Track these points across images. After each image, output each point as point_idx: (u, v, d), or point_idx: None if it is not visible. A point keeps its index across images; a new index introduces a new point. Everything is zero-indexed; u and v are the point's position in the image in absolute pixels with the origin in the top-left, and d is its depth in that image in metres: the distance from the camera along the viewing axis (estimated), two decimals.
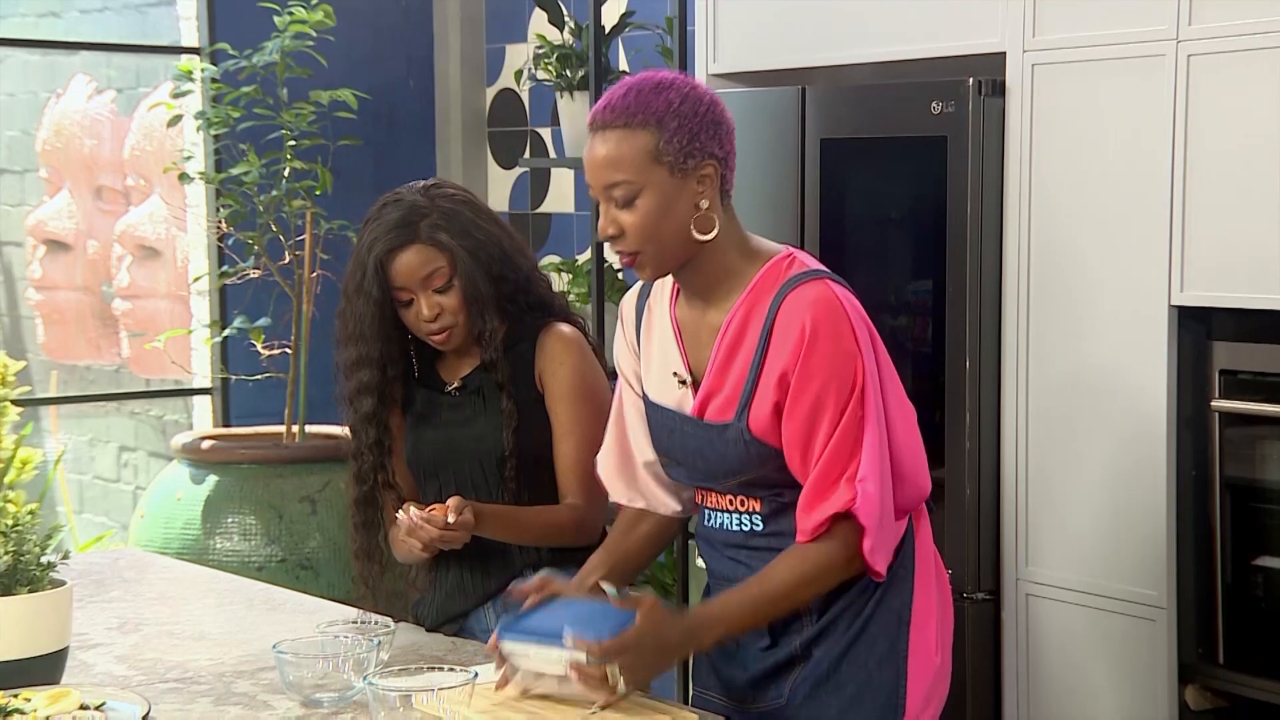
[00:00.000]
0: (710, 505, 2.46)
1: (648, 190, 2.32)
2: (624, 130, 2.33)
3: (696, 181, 2.33)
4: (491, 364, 2.79)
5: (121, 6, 6.40)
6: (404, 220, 2.75)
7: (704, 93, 2.37)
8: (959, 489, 3.29)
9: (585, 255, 4.88)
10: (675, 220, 2.33)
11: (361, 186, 4.87)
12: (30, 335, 6.61)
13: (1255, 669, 2.96)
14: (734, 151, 2.39)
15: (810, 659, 2.39)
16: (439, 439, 2.85)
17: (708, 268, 2.38)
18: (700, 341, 2.42)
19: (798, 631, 2.40)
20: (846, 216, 3.58)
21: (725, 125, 2.37)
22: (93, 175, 6.41)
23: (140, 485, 6.43)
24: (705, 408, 2.39)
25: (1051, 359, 3.20)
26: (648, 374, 2.50)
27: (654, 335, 2.49)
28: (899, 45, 3.45)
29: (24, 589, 2.34)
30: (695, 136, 2.32)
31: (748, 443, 2.34)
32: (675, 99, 2.33)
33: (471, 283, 2.76)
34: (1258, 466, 2.99)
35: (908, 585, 2.40)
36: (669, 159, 2.31)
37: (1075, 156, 3.14)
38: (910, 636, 2.38)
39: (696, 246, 2.36)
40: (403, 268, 2.75)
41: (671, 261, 2.38)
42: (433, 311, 2.76)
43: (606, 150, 2.34)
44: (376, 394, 2.82)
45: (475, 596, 2.83)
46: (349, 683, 2.34)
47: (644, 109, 2.32)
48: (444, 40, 5.52)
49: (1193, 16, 2.92)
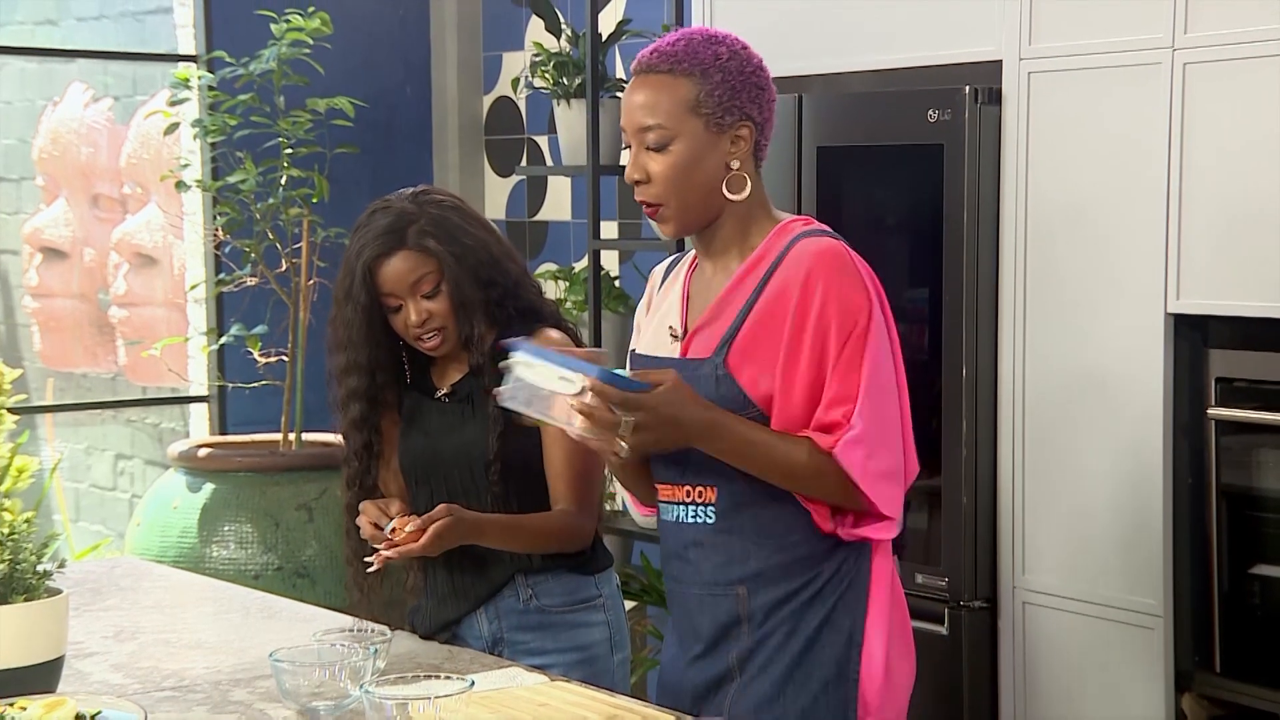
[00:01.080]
0: (666, 498, 2.43)
1: (681, 139, 2.32)
2: (667, 75, 2.33)
3: (730, 141, 2.34)
4: (479, 368, 2.80)
5: (119, 14, 6.40)
6: (392, 227, 2.76)
7: (754, 55, 2.37)
8: (956, 497, 3.28)
9: (582, 263, 4.88)
10: (703, 174, 2.33)
11: (358, 194, 4.86)
12: (27, 343, 6.60)
13: (1252, 677, 2.96)
14: (772, 120, 2.38)
15: (744, 675, 2.35)
16: (427, 445, 2.86)
17: (728, 229, 2.38)
18: (704, 302, 2.41)
19: (735, 640, 2.36)
20: (843, 224, 3.56)
21: (768, 92, 2.37)
22: (89, 183, 6.41)
23: (136, 493, 6.42)
24: (689, 348, 2.38)
25: (1048, 367, 3.20)
26: (648, 330, 2.48)
27: (664, 298, 2.49)
28: (895, 53, 3.46)
29: (20, 597, 2.33)
30: (736, 94, 2.32)
31: (720, 379, 2.31)
32: (724, 53, 2.33)
33: (459, 288, 2.77)
34: (1254, 474, 2.99)
35: (860, 604, 2.34)
36: (707, 112, 2.31)
37: (1071, 164, 3.14)
38: (862, 659, 2.33)
39: (721, 205, 2.35)
40: (390, 274, 2.76)
41: (694, 218, 2.36)
42: (420, 317, 2.77)
43: (646, 93, 2.33)
44: (365, 400, 2.83)
45: (468, 602, 2.83)
46: (345, 691, 2.34)
47: (691, 57, 2.32)
48: (441, 48, 5.52)
49: (1189, 25, 2.93)
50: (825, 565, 2.35)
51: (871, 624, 2.34)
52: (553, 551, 2.79)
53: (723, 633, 2.37)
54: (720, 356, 2.32)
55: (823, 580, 2.34)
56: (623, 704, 2.32)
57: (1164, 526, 3.02)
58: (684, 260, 2.51)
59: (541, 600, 2.80)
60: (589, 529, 2.81)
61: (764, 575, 2.35)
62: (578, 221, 5.16)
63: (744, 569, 2.35)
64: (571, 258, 5.17)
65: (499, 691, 2.38)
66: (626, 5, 4.89)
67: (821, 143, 3.52)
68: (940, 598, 3.31)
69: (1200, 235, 2.93)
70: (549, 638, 2.80)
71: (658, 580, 4.38)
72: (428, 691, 2.18)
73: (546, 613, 2.81)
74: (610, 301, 4.52)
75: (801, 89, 3.61)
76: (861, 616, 2.34)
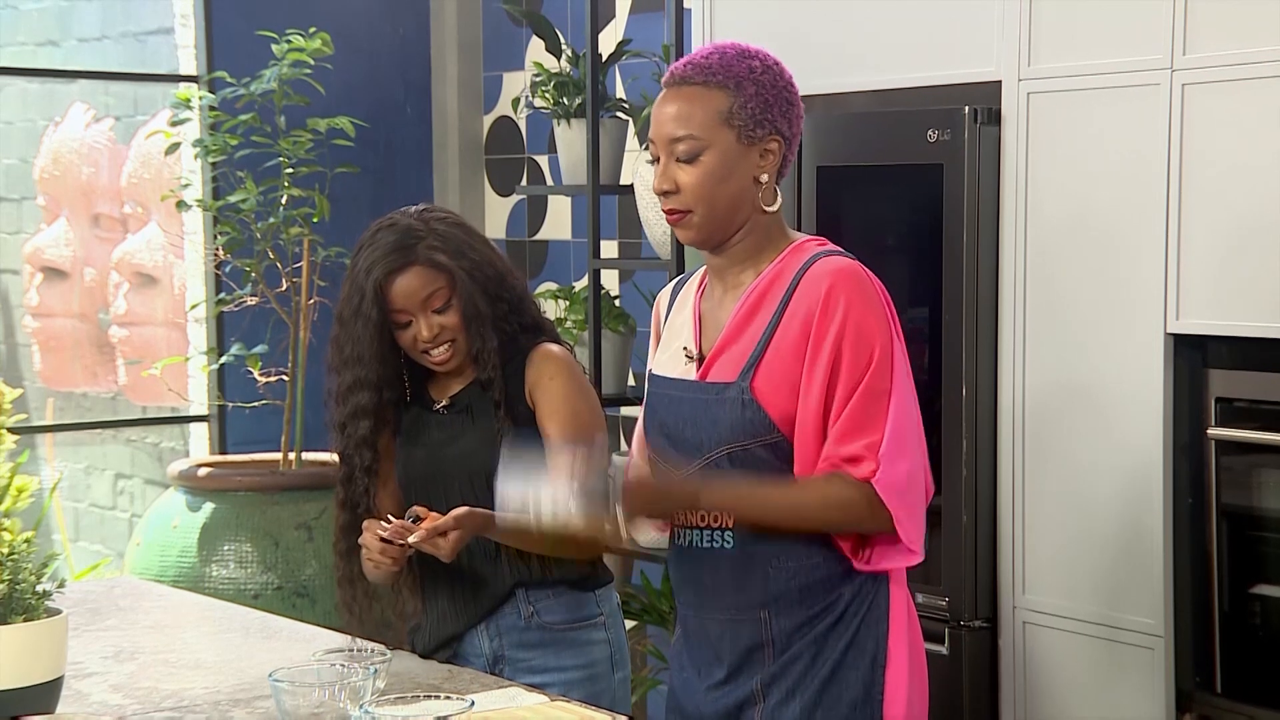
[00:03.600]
0: (681, 523, 2.43)
1: (712, 150, 2.33)
2: (701, 87, 2.34)
3: (760, 154, 2.35)
4: (489, 382, 2.80)
5: (120, 35, 6.41)
6: (400, 243, 2.77)
7: (786, 71, 2.38)
8: (956, 516, 3.28)
9: (582, 282, 4.88)
10: (732, 186, 2.34)
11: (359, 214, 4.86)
12: (27, 362, 6.60)
13: (1253, 698, 2.95)
14: (799, 138, 2.40)
15: (768, 700, 2.35)
16: (427, 457, 2.86)
17: (745, 244, 2.39)
18: (717, 322, 2.41)
19: (759, 665, 2.36)
20: (843, 243, 3.55)
21: (797, 108, 2.39)
22: (90, 203, 6.41)
23: (136, 513, 6.42)
24: (709, 371, 2.38)
25: (1048, 386, 3.20)
26: (663, 350, 2.49)
27: (676, 319, 2.49)
28: (895, 73, 3.46)
29: (19, 618, 2.33)
30: (769, 108, 2.34)
31: (745, 403, 2.31)
32: (758, 66, 2.35)
33: (470, 302, 2.77)
34: (1254, 494, 2.99)
35: (883, 625, 2.36)
36: (739, 124, 2.33)
37: (1071, 185, 3.14)
38: (887, 679, 2.34)
39: (742, 219, 2.36)
40: (402, 290, 2.76)
41: (718, 229, 2.37)
42: (432, 332, 2.77)
43: (680, 104, 2.35)
44: (373, 417, 2.83)
45: (466, 618, 2.83)
46: (345, 711, 2.33)
47: (725, 70, 2.34)
48: (441, 68, 5.53)
49: (1187, 46, 2.93)
50: (845, 587, 2.35)
51: (894, 644, 2.36)
52: (569, 557, 2.78)
53: (746, 657, 2.38)
54: (746, 381, 2.32)
55: (844, 602, 2.35)
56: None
57: (1164, 546, 3.02)
58: (691, 280, 2.51)
59: (543, 617, 2.80)
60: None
61: (785, 598, 2.35)
62: (578, 241, 5.17)
63: (765, 593, 2.36)
64: (572, 277, 5.17)
65: (499, 712, 2.38)
66: (627, 25, 4.90)
67: (822, 162, 3.52)
68: (941, 617, 3.30)
69: (1200, 255, 2.94)
70: (550, 655, 2.80)
71: (658, 600, 4.37)
72: (427, 711, 2.18)
73: (547, 630, 2.81)
74: (610, 321, 4.52)
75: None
76: (884, 637, 2.36)
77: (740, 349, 2.34)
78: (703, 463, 2.37)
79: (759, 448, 2.32)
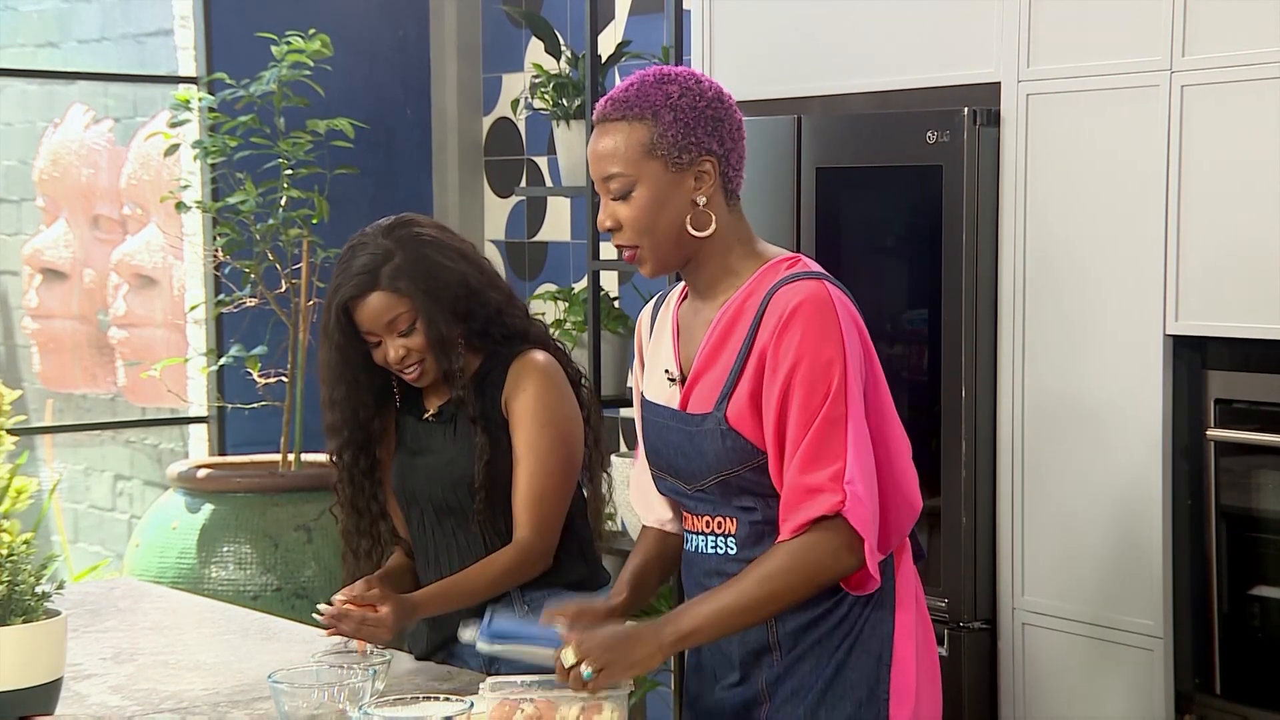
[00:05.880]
0: (689, 528, 2.44)
1: (642, 183, 2.31)
2: (622, 122, 2.32)
3: (694, 178, 2.32)
4: (461, 401, 2.83)
5: (119, 36, 6.41)
6: (366, 267, 2.80)
7: (708, 87, 2.34)
8: (955, 517, 3.28)
9: (581, 284, 4.88)
10: (670, 215, 2.32)
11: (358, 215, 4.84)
12: (26, 364, 6.60)
13: (1252, 699, 2.95)
14: (739, 149, 2.36)
15: (774, 700, 2.36)
16: (415, 465, 2.90)
17: (710, 266, 2.37)
18: (694, 339, 2.40)
19: (767, 667, 2.37)
20: (842, 245, 3.59)
21: (729, 122, 2.34)
22: (89, 204, 6.41)
23: (136, 514, 6.42)
24: (689, 400, 2.37)
25: (1047, 388, 3.20)
26: (648, 373, 2.49)
27: (657, 340, 2.49)
28: (895, 75, 3.46)
29: (18, 619, 2.33)
30: (691, 131, 2.31)
31: (724, 433, 2.31)
32: (675, 92, 2.31)
33: (434, 326, 2.79)
34: (1254, 496, 2.99)
35: (888, 623, 2.35)
36: (663, 153, 2.30)
37: (1070, 186, 3.15)
38: (892, 678, 2.34)
39: (695, 243, 2.34)
40: (366, 314, 2.80)
41: (670, 257, 2.36)
42: (398, 354, 2.81)
43: (605, 142, 2.33)
44: (346, 432, 2.88)
45: (459, 619, 2.84)
46: (344, 713, 2.34)
47: (641, 102, 2.31)
48: (441, 70, 5.53)
49: (1186, 48, 2.93)
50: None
51: (899, 643, 2.36)
52: (516, 584, 2.81)
53: (753, 659, 2.38)
54: (721, 411, 2.32)
55: (848, 603, 2.34)
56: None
57: (1164, 548, 3.02)
58: (670, 296, 2.50)
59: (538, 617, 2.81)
60: (543, 549, 2.82)
61: None
62: (577, 242, 5.17)
63: None
64: (571, 278, 5.17)
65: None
66: (626, 27, 4.90)
67: (820, 164, 3.52)
68: (940, 619, 3.30)
69: (1199, 257, 2.94)
70: None
71: (656, 601, 4.37)
72: (426, 713, 2.18)
73: None
74: (609, 322, 4.52)
75: (801, 110, 3.62)
76: (889, 636, 2.35)
77: (715, 377, 2.34)
78: (699, 487, 2.39)
79: (747, 472, 2.33)
